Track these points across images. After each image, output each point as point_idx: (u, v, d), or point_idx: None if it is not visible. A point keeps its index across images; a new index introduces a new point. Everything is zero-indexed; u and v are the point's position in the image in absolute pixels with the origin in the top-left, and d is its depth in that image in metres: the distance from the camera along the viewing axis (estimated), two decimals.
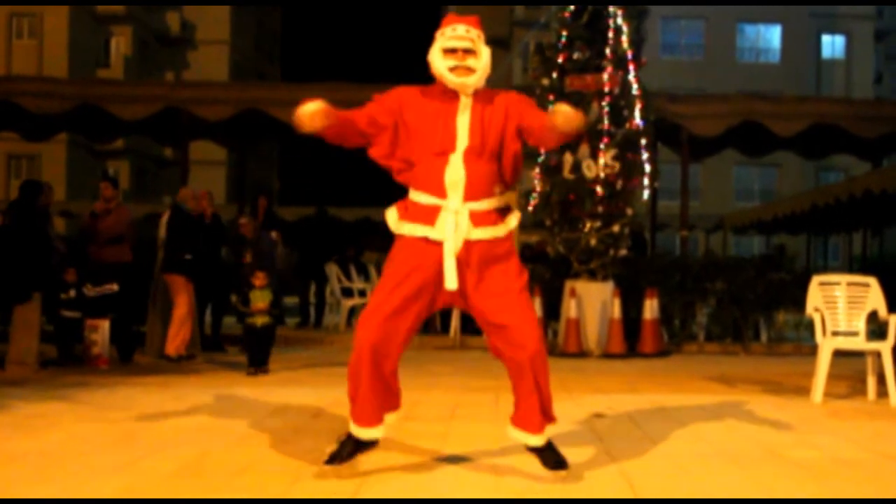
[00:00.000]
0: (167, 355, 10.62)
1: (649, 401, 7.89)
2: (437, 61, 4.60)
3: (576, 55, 13.03)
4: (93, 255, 10.99)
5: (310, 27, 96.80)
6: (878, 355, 7.99)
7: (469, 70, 4.59)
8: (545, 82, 13.34)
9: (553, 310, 12.83)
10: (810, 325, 8.38)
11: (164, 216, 11.54)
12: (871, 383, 8.26)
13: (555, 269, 13.27)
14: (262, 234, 14.34)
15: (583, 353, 12.30)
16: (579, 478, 4.78)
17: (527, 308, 4.55)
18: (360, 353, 4.47)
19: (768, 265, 14.60)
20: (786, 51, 45.57)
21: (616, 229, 12.77)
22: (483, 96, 4.69)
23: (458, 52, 4.59)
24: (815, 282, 8.28)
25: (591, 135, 12.68)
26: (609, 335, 12.41)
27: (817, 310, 8.14)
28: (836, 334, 8.14)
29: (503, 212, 4.68)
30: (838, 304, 8.19)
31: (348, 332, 14.88)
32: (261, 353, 9.83)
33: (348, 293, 15.86)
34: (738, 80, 40.37)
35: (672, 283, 13.49)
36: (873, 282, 8.19)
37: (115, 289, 10.36)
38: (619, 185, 12.77)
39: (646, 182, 12.99)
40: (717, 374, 10.18)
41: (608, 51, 12.85)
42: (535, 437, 4.61)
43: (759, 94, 25.24)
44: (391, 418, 4.82)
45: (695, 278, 13.79)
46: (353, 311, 15.78)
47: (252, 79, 51.97)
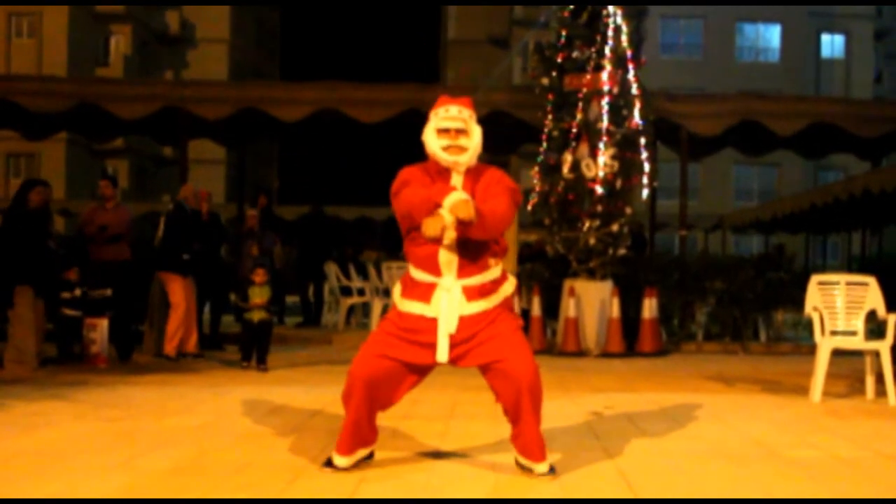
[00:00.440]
0: (166, 354, 10.62)
1: (648, 400, 7.89)
2: (432, 141, 4.80)
3: (575, 54, 13.03)
4: (92, 253, 10.99)
5: (309, 26, 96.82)
6: (876, 354, 7.99)
7: (461, 149, 4.77)
8: (544, 81, 13.35)
9: (552, 309, 12.83)
10: (809, 325, 8.38)
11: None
12: (869, 382, 8.26)
13: (553, 269, 13.27)
14: (265, 231, 14.37)
15: (581, 353, 12.30)
16: (577, 476, 4.79)
17: (520, 345, 4.73)
18: (354, 387, 4.71)
19: (767, 265, 14.61)
20: (785, 50, 45.58)
21: (615, 228, 12.77)
22: (474, 173, 4.87)
23: (451, 131, 4.78)
24: (814, 281, 8.29)
25: (590, 134, 12.69)
26: (608, 334, 12.41)
27: (816, 309, 8.14)
28: (834, 334, 8.14)
29: (498, 281, 4.87)
30: (837, 304, 8.19)
31: (347, 330, 14.91)
32: (258, 349, 9.90)
33: (347, 292, 15.87)
34: (737, 80, 40.37)
35: (671, 282, 13.49)
36: (872, 281, 8.19)
37: (107, 294, 10.35)
38: (618, 184, 12.77)
39: (645, 181, 12.99)
40: (715, 373, 10.19)
41: (607, 50, 12.84)
42: (541, 465, 4.74)
43: (759, 93, 25.26)
44: (364, 453, 4.93)
45: (694, 278, 13.79)
46: (351, 310, 15.80)
47: (251, 78, 51.91)
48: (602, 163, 12.65)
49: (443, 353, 4.69)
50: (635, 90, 12.99)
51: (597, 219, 12.72)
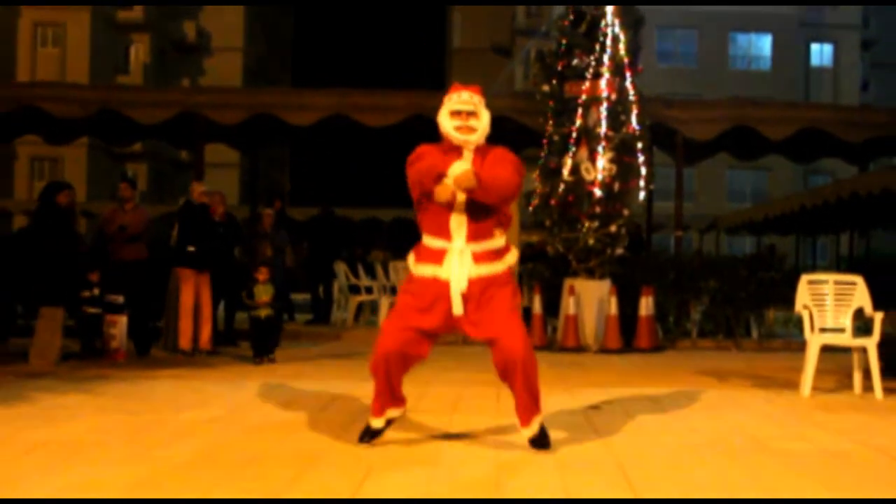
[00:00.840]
0: (181, 349, 10.63)
1: (644, 394, 7.88)
2: (445, 122, 5.20)
3: (575, 62, 13.02)
4: (112, 253, 11.00)
5: (319, 35, 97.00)
6: (863, 351, 7.97)
7: (471, 129, 5.17)
8: (545, 88, 13.36)
9: (552, 306, 12.82)
10: (799, 322, 8.37)
11: None
12: (857, 378, 8.24)
13: (554, 268, 13.26)
14: (279, 232, 14.38)
15: (581, 348, 12.29)
16: (577, 468, 4.78)
17: (515, 324, 5.14)
18: (379, 361, 5.14)
19: (759, 264, 14.58)
20: (776, 59, 45.53)
21: (613, 229, 12.76)
22: (482, 151, 5.23)
23: (463, 114, 5.17)
24: (804, 280, 8.27)
25: (589, 138, 12.69)
26: (606, 331, 12.40)
27: (806, 307, 8.13)
28: (823, 331, 8.12)
29: (501, 251, 5.27)
30: (826, 302, 8.18)
31: (355, 327, 14.90)
32: (267, 342, 10.13)
33: (355, 290, 15.88)
34: (730, 87, 40.27)
35: (667, 281, 13.47)
36: (859, 280, 8.17)
37: (120, 301, 10.35)
38: (616, 186, 12.76)
39: (642, 184, 12.98)
40: (709, 368, 10.17)
41: (606, 58, 12.83)
42: (526, 430, 5.22)
43: (751, 100, 25.15)
44: (395, 413, 5.38)
45: (689, 277, 13.77)
46: (360, 307, 15.78)
47: (264, 84, 51.89)
48: (601, 166, 12.65)
49: (457, 307, 5.09)
50: (632, 97, 12.98)
51: (596, 220, 12.71)
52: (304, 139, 19.93)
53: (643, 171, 12.93)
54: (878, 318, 7.94)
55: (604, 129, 12.72)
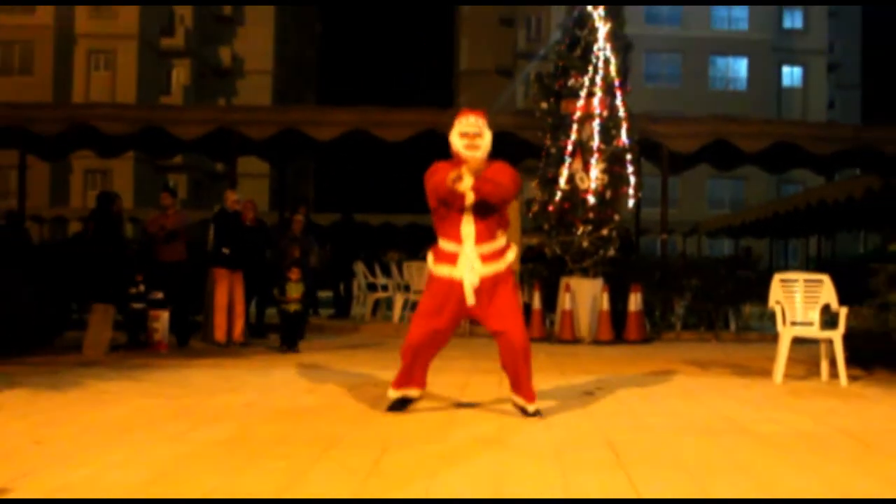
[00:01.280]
0: (217, 341, 10.64)
1: (633, 381, 7.86)
2: (456, 141, 5.68)
3: (570, 82, 12.99)
4: (155, 254, 11.01)
5: (340, 59, 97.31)
6: (830, 342, 7.95)
7: (477, 147, 5.62)
8: (544, 106, 13.35)
9: (550, 302, 12.80)
10: (772, 316, 8.33)
11: None
12: (824, 366, 8.22)
13: (552, 268, 13.23)
14: (307, 236, 14.37)
15: (576, 340, 12.26)
16: (571, 449, 4.77)
17: (518, 320, 5.69)
18: (409, 347, 5.70)
19: (737, 264, 14.57)
20: (751, 80, 45.42)
21: (605, 233, 12.74)
22: (486, 163, 5.65)
23: (470, 134, 5.64)
24: (777, 279, 8.25)
25: (583, 151, 12.67)
26: (599, 325, 12.36)
27: (778, 303, 8.11)
28: (794, 324, 8.10)
29: (503, 249, 5.72)
30: (796, 298, 8.15)
31: (373, 321, 14.90)
32: (294, 334, 10.26)
33: (373, 288, 15.88)
34: (710, 105, 40.14)
35: (653, 279, 13.43)
36: (826, 279, 8.15)
37: (159, 297, 10.36)
38: (607, 194, 12.74)
39: (631, 192, 12.94)
40: (691, 358, 10.14)
41: (599, 79, 12.81)
42: (532, 406, 5.70)
43: (729, 116, 25.11)
44: (413, 393, 5.89)
45: (673, 276, 13.74)
46: (377, 304, 15.78)
47: (291, 103, 51.96)
48: (594, 176, 12.62)
49: (470, 299, 5.57)
50: (622, 113, 12.95)
51: (589, 224, 12.68)
52: (327, 152, 19.90)
53: (632, 180, 12.90)
54: (843, 312, 7.92)
55: (596, 142, 12.70)
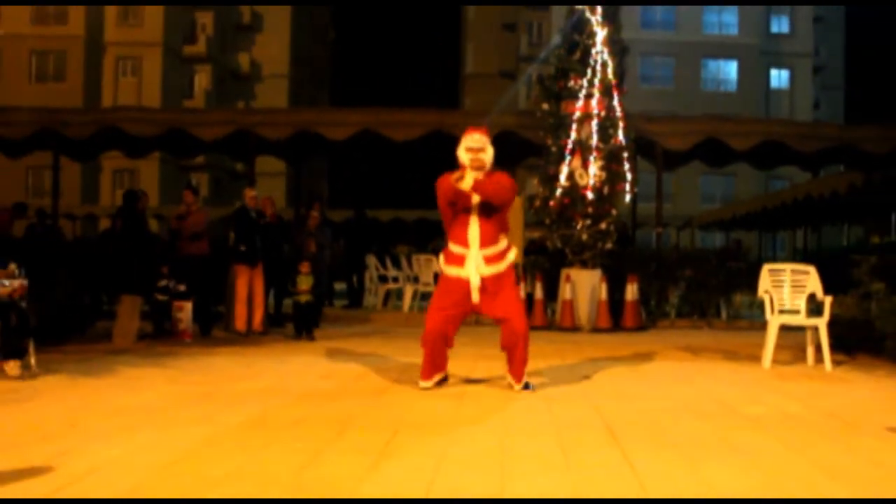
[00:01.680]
0: (237, 330, 10.66)
1: (630, 366, 7.87)
2: (463, 155, 6.13)
3: (570, 84, 12.96)
4: (179, 250, 11.03)
5: (352, 63, 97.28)
6: (815, 329, 7.94)
7: (480, 161, 6.09)
8: (545, 107, 13.32)
9: (551, 292, 12.79)
10: (761, 305, 8.32)
11: None
12: (810, 352, 8.21)
13: (553, 260, 13.22)
14: (322, 231, 14.37)
15: (576, 328, 12.26)
16: (571, 430, 4.77)
17: (520, 310, 6.22)
18: (428, 336, 6.12)
19: (728, 256, 14.53)
20: (741, 82, 45.26)
21: (603, 227, 12.71)
22: (488, 174, 6.10)
23: (475, 149, 6.09)
24: (765, 269, 8.24)
25: (582, 149, 12.65)
26: (597, 313, 12.35)
27: (767, 292, 8.10)
28: (782, 312, 8.08)
29: (504, 251, 6.18)
30: (784, 288, 8.14)
31: (384, 311, 14.91)
32: (306, 324, 10.28)
33: (384, 279, 15.88)
34: (702, 105, 40.03)
35: (649, 270, 13.42)
36: (812, 270, 8.13)
37: (181, 289, 10.38)
38: (605, 190, 12.71)
39: (627, 188, 12.92)
40: (685, 344, 10.13)
41: (597, 81, 12.77)
42: (518, 385, 6.17)
43: (720, 116, 25.03)
44: (440, 376, 6.32)
45: (668, 267, 13.73)
46: (388, 294, 15.79)
47: (306, 105, 51.96)
48: (592, 173, 12.60)
49: (475, 297, 6.06)
50: (619, 114, 12.91)
51: (588, 219, 12.66)
52: (340, 151, 19.91)
53: (629, 177, 12.88)
54: (828, 301, 7.91)
55: (595, 141, 12.67)
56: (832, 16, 52.84)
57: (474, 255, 6.05)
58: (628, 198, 13.24)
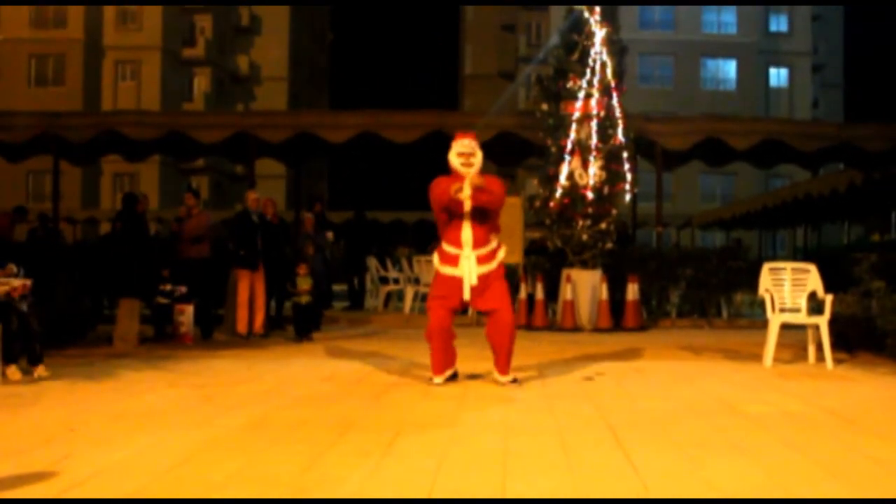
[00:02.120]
0: (239, 333, 10.66)
1: (631, 366, 7.87)
2: (453, 160, 6.46)
3: (569, 85, 12.94)
4: (180, 253, 11.03)
5: (352, 65, 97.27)
6: (816, 328, 7.93)
7: (471, 164, 6.41)
8: (544, 107, 13.31)
9: (552, 293, 12.78)
10: (762, 304, 8.32)
11: None
12: (811, 350, 8.21)
13: (553, 260, 13.21)
14: (320, 232, 14.37)
15: (577, 328, 12.25)
16: (574, 431, 4.77)
17: (508, 302, 6.55)
18: (433, 330, 6.41)
19: (728, 255, 14.51)
20: (740, 81, 45.26)
21: (603, 226, 12.70)
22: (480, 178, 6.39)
23: (465, 154, 6.43)
24: (766, 268, 8.23)
25: (582, 149, 12.64)
26: (598, 313, 12.35)
27: (767, 291, 8.09)
28: (783, 311, 8.08)
29: (495, 250, 6.52)
30: (784, 286, 8.13)
31: (385, 312, 14.91)
32: (306, 324, 10.37)
33: (385, 281, 15.88)
34: (701, 105, 40.06)
35: (650, 270, 13.41)
36: (813, 268, 8.13)
37: (183, 290, 10.38)
38: (605, 190, 12.71)
39: (627, 188, 12.91)
40: (686, 344, 10.13)
41: (596, 81, 12.76)
42: (504, 377, 6.51)
43: (719, 116, 25.05)
44: (451, 371, 6.59)
45: (668, 266, 13.72)
46: (388, 296, 15.78)
47: (306, 107, 52.01)
48: (592, 173, 12.59)
49: (467, 294, 6.39)
50: (618, 113, 12.90)
51: (588, 219, 12.65)
52: (339, 153, 19.91)
53: (628, 176, 12.87)
54: (829, 299, 7.91)
55: (594, 141, 12.65)
56: (831, 14, 52.84)
57: (468, 256, 6.38)
58: (628, 197, 13.24)
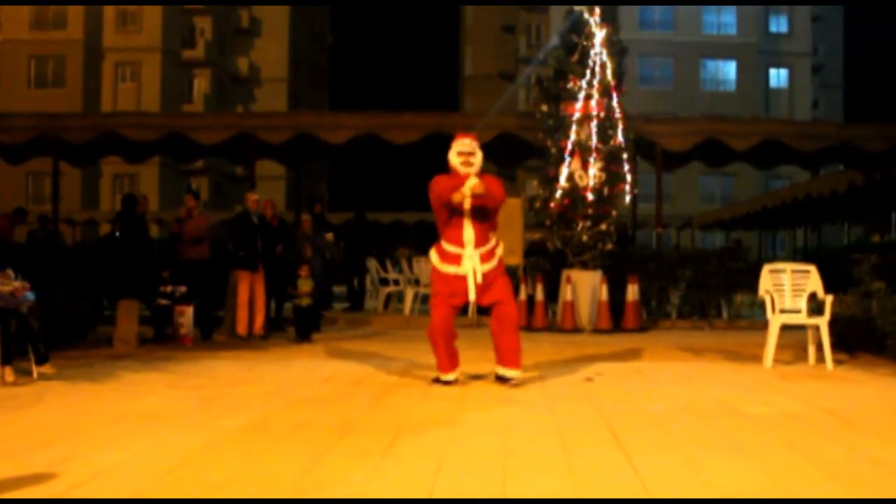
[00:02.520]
0: (239, 334, 10.66)
1: (631, 367, 7.86)
2: (454, 159, 6.50)
3: (569, 86, 12.94)
4: (180, 254, 11.03)
5: (351, 66, 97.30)
6: (816, 328, 7.93)
7: (471, 164, 6.45)
8: (544, 108, 13.31)
9: (552, 294, 12.78)
10: (762, 305, 8.32)
11: None
12: (811, 351, 8.20)
13: (553, 261, 13.21)
14: (318, 233, 14.36)
15: (577, 329, 12.25)
16: (574, 433, 4.77)
17: (511, 295, 6.64)
18: (436, 329, 6.41)
19: (728, 256, 14.50)
20: (740, 81, 45.28)
21: (603, 227, 12.70)
22: (478, 176, 6.40)
23: (465, 154, 6.47)
24: (766, 269, 8.23)
25: (582, 150, 12.64)
26: (598, 314, 12.34)
27: (768, 292, 8.09)
28: (783, 312, 8.07)
29: (494, 247, 6.56)
30: (785, 287, 8.13)
31: (385, 313, 14.90)
32: (306, 325, 10.39)
33: (385, 282, 15.87)
34: (701, 106, 40.09)
35: (650, 271, 13.40)
36: (813, 269, 8.13)
37: (182, 290, 10.38)
38: (605, 191, 12.70)
39: (627, 189, 12.91)
40: (686, 345, 10.13)
41: (596, 82, 12.76)
42: (514, 371, 6.48)
43: (719, 116, 25.07)
44: (458, 370, 6.60)
45: (668, 267, 13.70)
46: (388, 297, 15.77)
47: (306, 108, 52.03)
48: (592, 174, 12.59)
49: (472, 294, 6.41)
50: (618, 114, 12.90)
51: (588, 220, 12.66)
52: (339, 154, 19.94)
53: (628, 177, 12.87)
54: (829, 300, 7.91)
55: (594, 142, 12.65)
56: (831, 15, 52.87)
57: (470, 254, 6.42)
58: (628, 198, 13.22)
